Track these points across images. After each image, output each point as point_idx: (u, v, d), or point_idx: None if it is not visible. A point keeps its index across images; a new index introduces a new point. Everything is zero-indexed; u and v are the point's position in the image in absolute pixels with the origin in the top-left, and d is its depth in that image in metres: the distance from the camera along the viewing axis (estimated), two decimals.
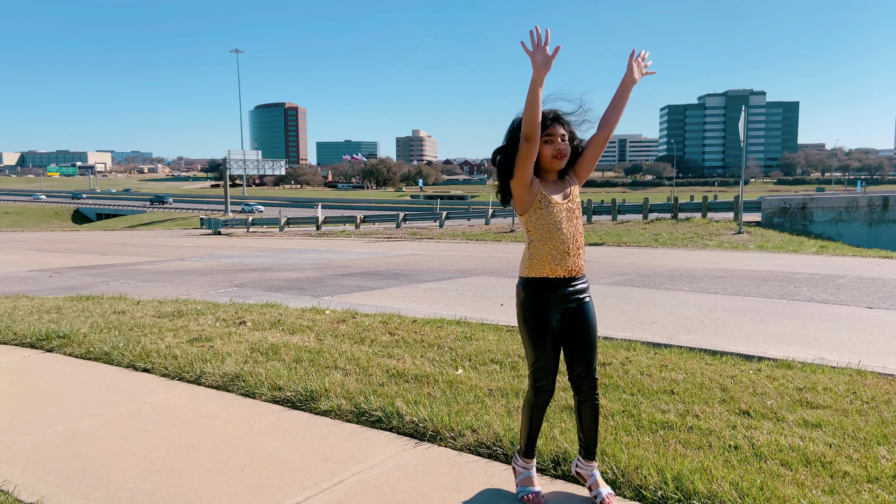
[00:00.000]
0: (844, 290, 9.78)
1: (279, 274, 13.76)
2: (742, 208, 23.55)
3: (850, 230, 23.65)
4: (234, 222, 46.22)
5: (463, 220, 39.26)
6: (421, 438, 3.73)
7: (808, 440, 3.52)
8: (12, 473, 3.40)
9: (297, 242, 26.73)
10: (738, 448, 3.43)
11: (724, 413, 3.99)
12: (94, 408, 4.44)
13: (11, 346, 6.40)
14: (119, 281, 13.09)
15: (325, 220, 41.27)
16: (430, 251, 19.42)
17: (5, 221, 78.92)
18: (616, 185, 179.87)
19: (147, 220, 73.88)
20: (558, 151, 2.70)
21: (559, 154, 2.70)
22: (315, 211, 47.77)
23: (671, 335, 6.69)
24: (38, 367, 5.62)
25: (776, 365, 5.21)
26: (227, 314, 7.52)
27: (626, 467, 3.16)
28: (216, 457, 3.58)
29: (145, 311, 7.84)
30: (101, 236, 39.16)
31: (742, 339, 6.53)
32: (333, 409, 4.20)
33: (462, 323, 6.99)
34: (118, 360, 5.57)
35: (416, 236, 27.78)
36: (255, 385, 4.67)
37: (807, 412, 4.01)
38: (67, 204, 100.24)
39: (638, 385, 4.57)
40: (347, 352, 5.56)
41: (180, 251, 22.67)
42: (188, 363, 5.25)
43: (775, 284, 10.36)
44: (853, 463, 3.25)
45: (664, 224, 25.21)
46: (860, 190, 72.15)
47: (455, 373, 4.90)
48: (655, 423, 3.79)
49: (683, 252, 16.94)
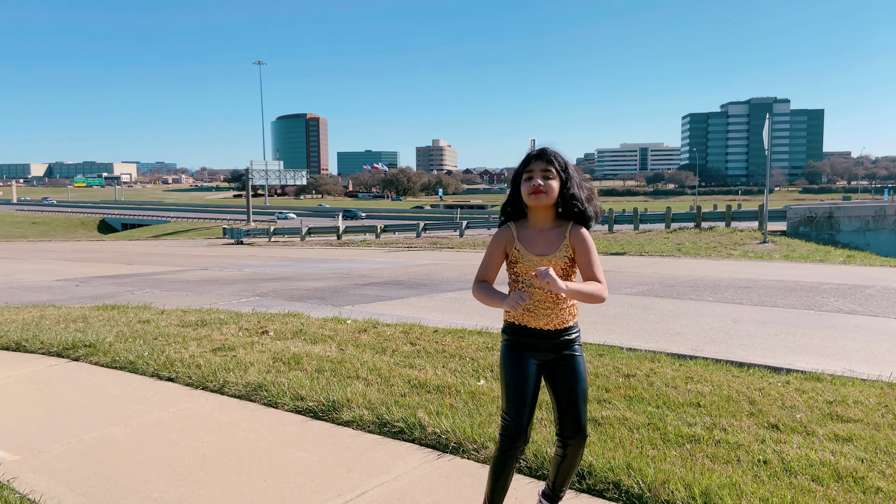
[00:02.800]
0: (873, 300, 9.59)
1: (300, 283, 13.83)
2: (767, 217, 23.23)
3: (879, 239, 23.20)
4: (257, 232, 46.64)
5: (483, 229, 39.21)
6: (443, 450, 3.71)
7: (839, 455, 3.44)
8: (39, 482, 3.44)
9: (317, 252, 26.89)
10: (768, 463, 3.36)
11: (753, 427, 3.91)
12: (119, 417, 4.48)
13: (39, 354, 6.49)
14: (144, 290, 13.25)
15: (345, 230, 41.49)
16: (451, 260, 19.41)
17: (33, 231, 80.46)
18: (637, 193, 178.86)
19: (171, 230, 74.81)
20: (534, 187, 2.54)
21: (535, 189, 2.54)
22: (336, 220, 48.04)
23: (696, 346, 6.60)
24: (65, 375, 5.69)
25: (805, 377, 5.11)
26: (250, 324, 7.56)
27: (653, 482, 3.11)
28: (239, 467, 3.58)
29: (169, 321, 7.92)
30: (126, 246, 39.74)
31: (769, 350, 6.41)
32: (355, 419, 4.19)
33: (483, 333, 6.96)
34: (143, 369, 5.63)
35: (436, 246, 27.79)
36: (278, 395, 4.68)
37: (837, 426, 3.92)
38: (93, 214, 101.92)
39: (663, 397, 4.50)
40: (369, 362, 5.56)
41: (203, 261, 22.91)
42: (211, 372, 5.28)
43: (802, 295, 10.19)
44: (886, 478, 3.16)
45: (687, 233, 24.96)
46: (888, 198, 70.89)
47: (477, 384, 4.86)
48: (682, 437, 3.73)
49: (707, 262, 16.74)
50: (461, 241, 30.38)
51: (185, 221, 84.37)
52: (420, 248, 27.12)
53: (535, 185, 2.55)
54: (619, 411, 4.18)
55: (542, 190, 2.54)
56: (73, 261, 24.20)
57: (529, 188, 2.55)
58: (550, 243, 2.59)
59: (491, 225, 39.74)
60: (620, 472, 3.21)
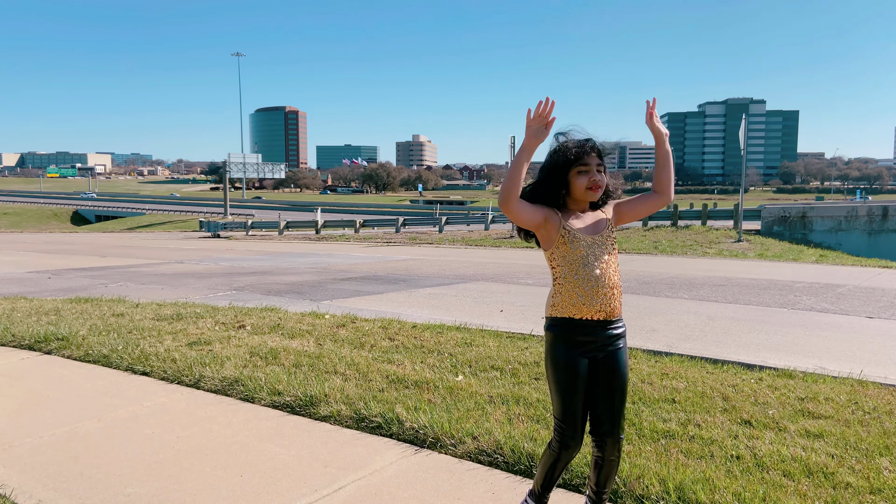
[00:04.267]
0: (845, 299, 9.77)
1: (278, 277, 13.73)
2: (742, 216, 23.55)
3: (850, 239, 23.64)
4: (234, 225, 46.18)
5: (462, 225, 39.22)
6: (421, 445, 3.71)
7: (810, 451, 3.51)
8: (10, 477, 3.38)
9: (296, 246, 26.71)
10: (741, 458, 3.41)
11: (726, 422, 3.97)
12: (92, 411, 4.42)
13: (10, 347, 6.38)
14: (118, 283, 13.06)
15: (324, 224, 41.25)
16: (430, 256, 19.40)
17: (4, 222, 78.85)
18: None
19: (146, 222, 73.78)
20: (593, 182, 2.50)
21: (594, 185, 2.50)
22: (314, 215, 47.76)
23: (672, 343, 6.67)
24: (37, 369, 5.59)
25: (777, 374, 5.19)
26: (227, 318, 7.50)
27: (628, 477, 3.14)
28: (215, 462, 3.55)
29: (144, 314, 7.82)
30: (100, 238, 39.11)
31: (743, 347, 6.51)
32: (333, 414, 4.17)
33: (462, 329, 6.97)
34: (117, 363, 5.55)
35: (415, 241, 27.76)
36: (255, 389, 4.65)
37: (809, 422, 3.99)
38: (66, 205, 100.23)
39: (639, 393, 4.55)
40: (347, 357, 5.54)
41: (179, 254, 22.64)
42: (187, 367, 5.23)
43: (776, 293, 10.35)
44: (855, 474, 3.23)
45: (664, 231, 25.20)
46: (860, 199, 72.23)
47: (455, 379, 4.88)
48: (657, 432, 3.77)
49: (683, 259, 16.93)
50: (440, 236, 30.38)
51: (161, 214, 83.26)
52: (399, 243, 27.07)
53: (596, 182, 2.51)
54: None
55: (601, 185, 2.53)
56: (45, 252, 23.77)
57: (587, 183, 2.50)
58: (597, 224, 2.59)
59: (470, 221, 39.74)
60: None
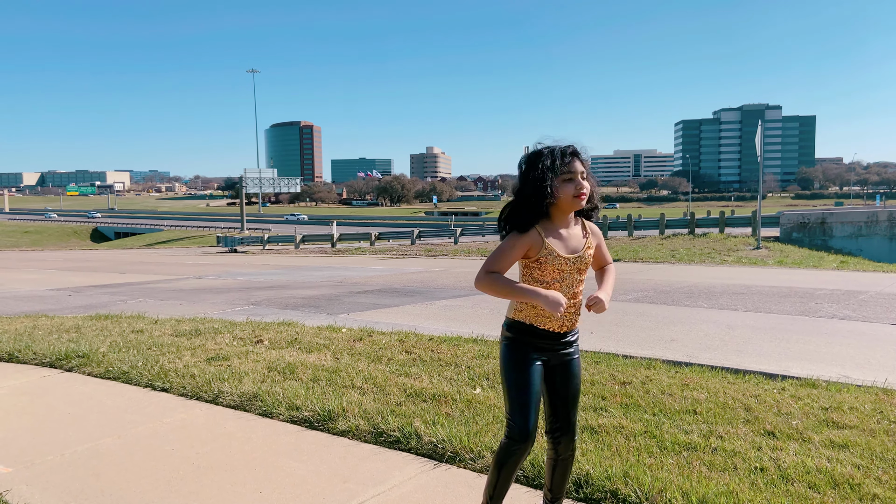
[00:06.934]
0: (867, 306, 9.62)
1: (295, 291, 13.79)
2: (760, 223, 23.33)
3: (871, 245, 23.33)
4: (251, 240, 46.48)
5: (478, 236, 39.17)
6: (440, 460, 3.69)
7: (835, 462, 3.45)
8: (32, 495, 3.41)
9: (312, 260, 26.84)
10: (765, 470, 3.36)
11: (749, 434, 3.91)
12: (113, 428, 4.45)
13: (31, 365, 6.44)
14: (137, 299, 13.18)
15: (339, 238, 41.43)
16: (446, 268, 19.40)
17: (25, 240, 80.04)
18: (631, 200, 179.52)
19: (164, 238, 74.54)
20: (579, 190, 2.45)
21: (581, 193, 2.46)
22: (330, 228, 47.97)
23: (692, 353, 6.60)
24: (58, 386, 5.65)
25: (800, 384, 5.12)
26: (244, 333, 7.53)
27: (650, 490, 3.10)
28: (234, 478, 3.56)
29: (163, 330, 7.88)
30: (119, 255, 39.57)
31: (764, 357, 6.43)
32: (351, 429, 4.17)
33: (479, 341, 6.95)
34: (137, 379, 5.59)
35: (430, 253, 27.78)
36: (273, 405, 4.66)
37: (833, 433, 3.93)
38: (86, 223, 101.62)
39: (660, 405, 4.50)
40: (364, 371, 5.54)
41: (197, 269, 22.83)
42: (206, 382, 5.25)
43: (796, 301, 10.23)
44: (882, 485, 3.17)
45: (681, 239, 25.02)
46: (880, 204, 71.26)
47: (473, 392, 4.85)
48: (679, 445, 3.73)
49: (701, 268, 16.78)
50: (456, 248, 30.39)
51: (179, 230, 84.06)
52: (415, 255, 27.11)
53: (583, 189, 2.47)
54: (615, 419, 4.18)
55: (587, 193, 2.50)
56: (65, 270, 24.08)
57: (575, 191, 2.45)
58: (577, 242, 2.57)
59: (485, 232, 39.67)
60: (617, 481, 3.20)
